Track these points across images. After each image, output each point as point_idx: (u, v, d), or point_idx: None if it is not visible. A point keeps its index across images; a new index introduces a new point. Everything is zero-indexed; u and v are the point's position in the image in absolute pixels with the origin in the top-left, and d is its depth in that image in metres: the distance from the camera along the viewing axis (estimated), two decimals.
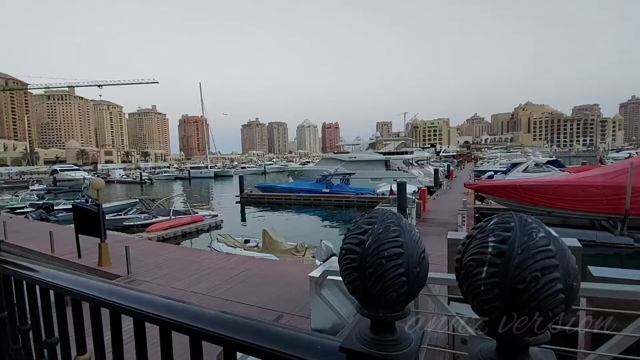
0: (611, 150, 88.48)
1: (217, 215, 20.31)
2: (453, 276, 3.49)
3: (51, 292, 1.44)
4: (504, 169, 32.71)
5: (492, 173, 32.83)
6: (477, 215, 15.70)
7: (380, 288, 0.62)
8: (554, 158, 32.72)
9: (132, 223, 18.38)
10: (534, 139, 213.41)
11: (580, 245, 3.86)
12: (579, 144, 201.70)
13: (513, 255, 0.54)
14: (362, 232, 0.66)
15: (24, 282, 1.57)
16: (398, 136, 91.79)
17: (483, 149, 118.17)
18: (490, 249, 0.56)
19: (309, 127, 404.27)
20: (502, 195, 13.68)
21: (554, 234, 0.57)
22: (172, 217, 18.49)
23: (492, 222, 0.60)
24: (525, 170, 26.67)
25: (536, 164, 27.61)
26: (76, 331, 1.37)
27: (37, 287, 1.49)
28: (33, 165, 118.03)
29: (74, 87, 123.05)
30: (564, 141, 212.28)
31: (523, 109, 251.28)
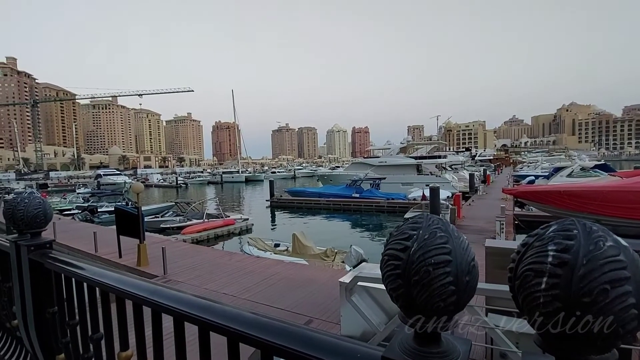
0: None
1: (248, 219, 20.76)
2: (491, 286, 3.33)
3: (97, 290, 1.51)
4: (546, 174, 31.11)
5: (532, 178, 31.31)
6: (516, 222, 14.93)
7: (427, 297, 0.59)
8: (602, 162, 30.56)
9: (168, 225, 19.16)
10: (579, 142, 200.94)
11: None
12: (631, 146, 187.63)
13: (577, 266, 0.50)
14: (407, 237, 0.62)
15: (73, 280, 1.66)
16: (430, 140, 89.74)
17: (522, 153, 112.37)
18: (550, 259, 0.52)
19: (338, 131, 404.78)
20: (544, 201, 12.87)
21: (624, 243, 0.52)
22: (206, 220, 19.11)
23: (550, 229, 0.55)
24: (570, 175, 25.19)
25: (582, 169, 25.96)
26: (120, 328, 1.43)
27: (85, 285, 1.58)
28: (79, 170, 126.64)
29: (116, 96, 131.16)
30: (614, 144, 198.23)
31: (567, 110, 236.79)
